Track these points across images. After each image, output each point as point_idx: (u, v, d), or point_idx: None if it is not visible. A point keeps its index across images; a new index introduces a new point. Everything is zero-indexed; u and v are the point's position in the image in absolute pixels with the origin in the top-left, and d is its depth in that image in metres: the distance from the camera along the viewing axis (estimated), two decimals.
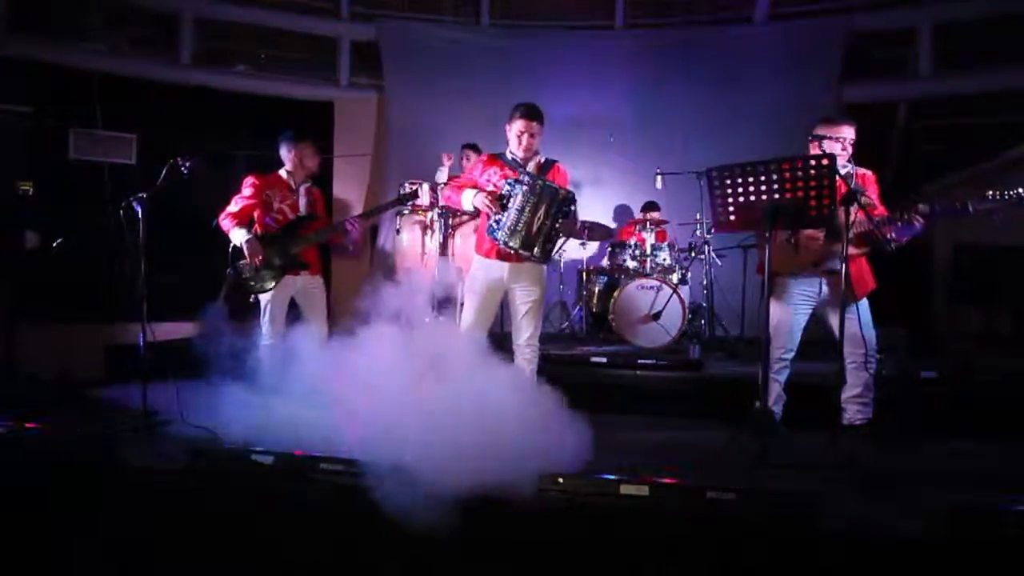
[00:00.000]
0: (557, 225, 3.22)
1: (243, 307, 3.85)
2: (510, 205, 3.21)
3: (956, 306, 5.75)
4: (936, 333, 5.81)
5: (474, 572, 2.42)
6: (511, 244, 3.20)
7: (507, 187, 3.25)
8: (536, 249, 3.21)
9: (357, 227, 3.91)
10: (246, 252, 3.73)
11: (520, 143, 3.35)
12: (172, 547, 2.58)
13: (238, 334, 3.52)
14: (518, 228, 3.19)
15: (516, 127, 3.35)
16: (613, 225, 6.72)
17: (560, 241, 3.34)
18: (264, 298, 3.83)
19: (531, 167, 3.38)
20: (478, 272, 3.41)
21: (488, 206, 3.23)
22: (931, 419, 3.50)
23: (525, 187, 3.19)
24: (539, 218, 3.18)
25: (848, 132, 3.18)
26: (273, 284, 3.79)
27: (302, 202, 3.93)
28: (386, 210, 3.69)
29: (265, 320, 3.83)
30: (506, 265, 3.32)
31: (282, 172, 3.94)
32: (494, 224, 3.24)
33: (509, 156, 3.41)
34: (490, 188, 3.34)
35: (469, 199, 3.33)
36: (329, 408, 3.07)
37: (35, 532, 2.66)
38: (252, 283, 3.78)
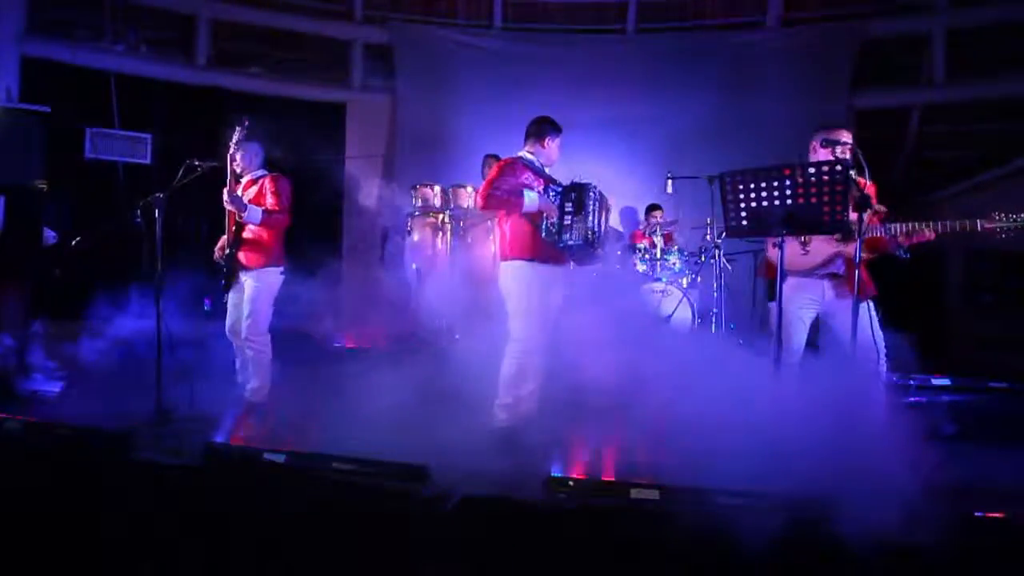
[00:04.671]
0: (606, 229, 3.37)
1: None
2: (588, 209, 3.21)
3: (969, 311, 5.72)
4: (949, 339, 5.78)
5: (482, 572, 2.43)
6: (587, 248, 3.22)
7: (573, 192, 3.24)
8: (601, 251, 3.33)
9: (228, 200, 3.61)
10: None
11: (557, 156, 3.47)
12: (181, 545, 2.60)
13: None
14: (592, 231, 3.20)
15: (559, 141, 3.46)
16: (622, 229, 6.73)
17: None
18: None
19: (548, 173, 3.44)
20: (535, 276, 3.28)
21: (552, 208, 3.25)
22: (943, 425, 3.48)
23: (593, 192, 3.24)
24: (603, 223, 3.34)
25: (848, 138, 3.19)
26: (229, 280, 3.74)
27: (238, 193, 3.69)
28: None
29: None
30: (559, 268, 3.35)
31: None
32: (551, 227, 3.23)
33: (537, 163, 3.42)
34: (536, 192, 3.29)
35: (534, 200, 3.25)
36: None
37: (45, 529, 2.69)
38: (223, 281, 3.77)
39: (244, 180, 3.80)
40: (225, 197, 3.54)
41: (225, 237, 3.75)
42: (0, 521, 2.63)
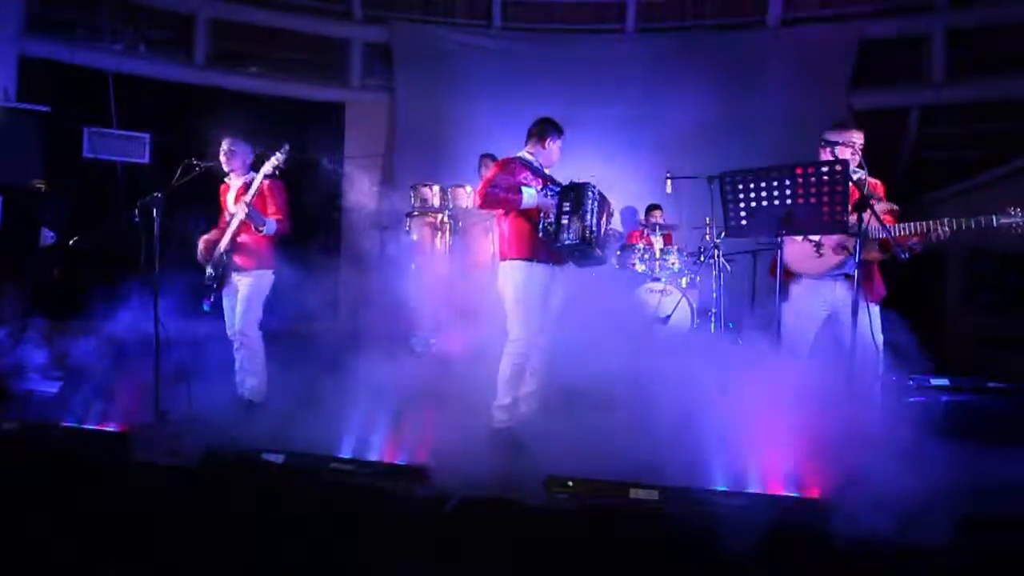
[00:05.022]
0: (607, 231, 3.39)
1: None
2: (586, 208, 3.19)
3: (969, 311, 5.71)
4: (948, 339, 5.78)
5: (482, 573, 2.42)
6: (585, 247, 3.20)
7: (571, 192, 3.23)
8: (600, 251, 3.32)
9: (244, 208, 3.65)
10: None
11: (557, 157, 3.47)
12: (180, 546, 2.59)
13: None
14: (591, 231, 3.18)
15: (560, 143, 3.46)
16: (621, 229, 6.72)
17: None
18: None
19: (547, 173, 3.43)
20: (533, 276, 3.27)
21: (550, 207, 3.24)
22: (943, 426, 3.47)
23: (592, 192, 3.22)
24: (603, 223, 3.33)
25: (858, 138, 3.19)
26: (221, 281, 3.75)
27: (233, 197, 3.79)
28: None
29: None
30: (556, 268, 3.35)
31: None
32: (549, 227, 3.22)
33: (536, 163, 3.41)
34: (535, 189, 3.29)
35: (532, 196, 3.24)
36: None
37: (43, 530, 2.68)
38: (214, 283, 3.77)
39: (237, 184, 3.82)
40: (244, 210, 3.58)
41: (209, 237, 3.77)
42: None
